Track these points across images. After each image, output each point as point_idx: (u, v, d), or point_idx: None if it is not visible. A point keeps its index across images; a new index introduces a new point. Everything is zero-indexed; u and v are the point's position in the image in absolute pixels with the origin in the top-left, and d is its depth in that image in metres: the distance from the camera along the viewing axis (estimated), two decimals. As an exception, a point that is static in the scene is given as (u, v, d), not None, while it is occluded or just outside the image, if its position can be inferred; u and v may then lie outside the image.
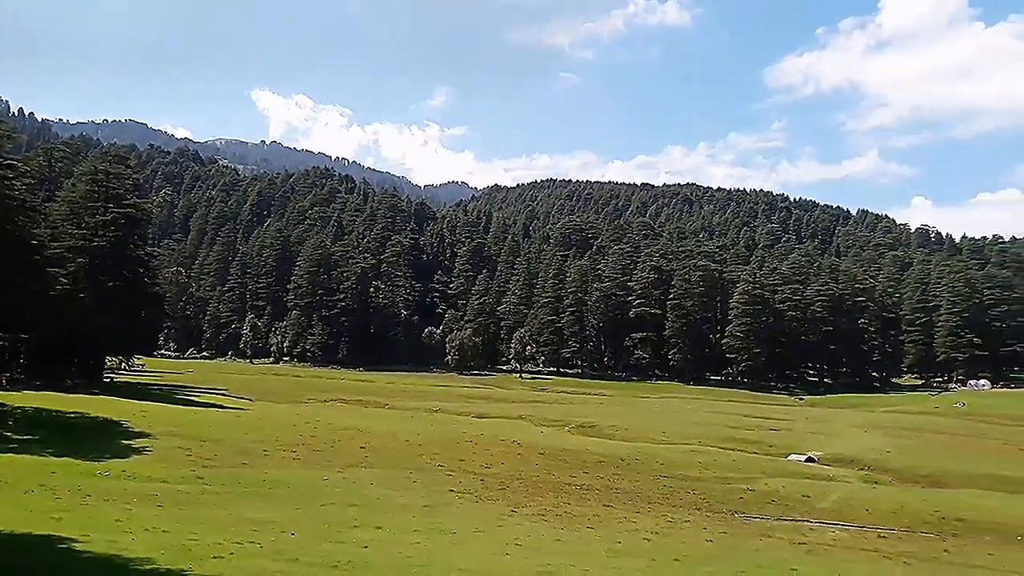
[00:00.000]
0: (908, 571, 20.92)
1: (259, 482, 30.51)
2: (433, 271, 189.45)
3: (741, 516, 30.26)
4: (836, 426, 70.79)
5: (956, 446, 59.07)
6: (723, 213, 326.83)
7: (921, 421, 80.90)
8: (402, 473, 34.95)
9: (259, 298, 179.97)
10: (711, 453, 49.13)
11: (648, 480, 38.08)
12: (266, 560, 16.89)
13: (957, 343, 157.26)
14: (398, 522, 24.26)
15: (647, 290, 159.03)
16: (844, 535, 27.43)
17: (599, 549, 21.69)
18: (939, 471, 46.08)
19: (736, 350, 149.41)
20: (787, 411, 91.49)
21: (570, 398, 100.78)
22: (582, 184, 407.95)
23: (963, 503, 34.73)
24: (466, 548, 21.01)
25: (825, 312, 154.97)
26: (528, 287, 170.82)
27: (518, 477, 36.18)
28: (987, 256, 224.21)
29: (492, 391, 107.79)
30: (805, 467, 46.57)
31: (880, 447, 55.69)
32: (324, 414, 58.81)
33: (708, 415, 78.07)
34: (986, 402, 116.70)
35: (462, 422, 60.29)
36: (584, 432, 59.55)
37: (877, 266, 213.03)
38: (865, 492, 37.89)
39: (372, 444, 42.66)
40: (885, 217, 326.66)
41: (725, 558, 21.36)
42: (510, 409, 75.36)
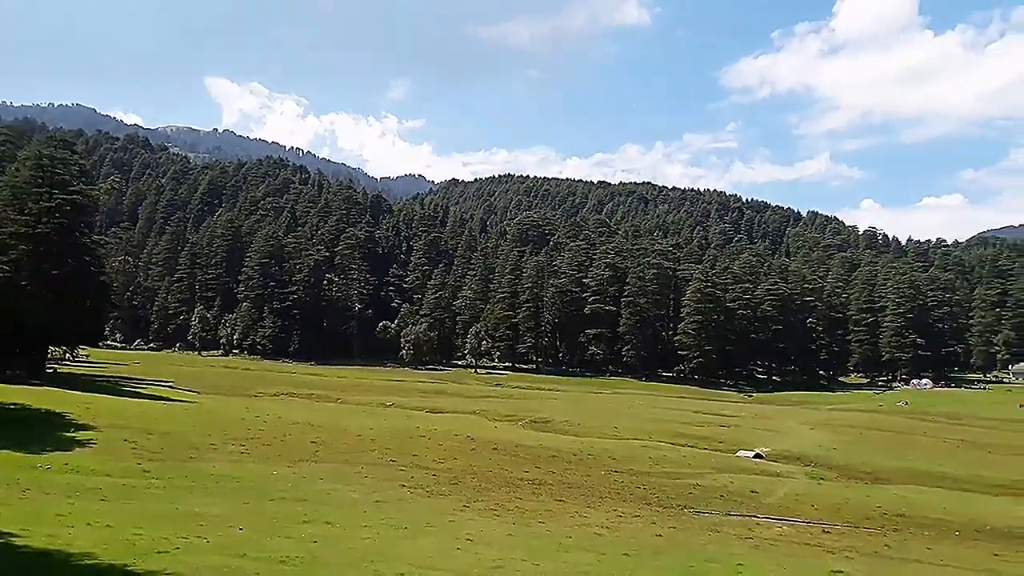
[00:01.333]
0: (850, 565, 21.45)
1: (207, 476, 29.99)
2: (388, 265, 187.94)
3: (690, 511, 30.69)
4: (784, 423, 72.22)
5: (898, 444, 60.76)
6: (677, 212, 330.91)
7: (866, 419, 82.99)
8: (353, 468, 34.66)
9: (209, 289, 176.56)
10: (662, 449, 49.71)
11: (600, 475, 38.39)
12: (213, 555, 16.60)
13: (901, 343, 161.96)
14: (348, 517, 24.07)
15: (602, 287, 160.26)
16: (790, 530, 28.01)
17: (550, 544, 21.80)
18: (882, 468, 47.35)
19: (688, 347, 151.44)
20: (736, 408, 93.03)
21: (524, 393, 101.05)
22: (540, 180, 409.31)
23: (904, 499, 35.74)
24: (417, 543, 20.92)
25: (774, 311, 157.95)
26: (484, 282, 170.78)
27: (471, 472, 36.16)
28: (931, 259, 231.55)
29: (447, 386, 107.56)
30: (753, 463, 47.41)
31: (826, 444, 57.00)
32: (274, 408, 58.01)
33: (659, 411, 78.99)
34: (928, 401, 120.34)
35: (416, 417, 60.00)
36: (538, 427, 59.78)
37: (826, 267, 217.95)
38: (811, 488, 38.73)
39: (323, 439, 42.22)
40: (834, 219, 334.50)
41: (674, 552, 21.64)
42: (464, 404, 75.26)
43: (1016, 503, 37.06)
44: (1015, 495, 40.14)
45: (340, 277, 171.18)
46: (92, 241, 75.81)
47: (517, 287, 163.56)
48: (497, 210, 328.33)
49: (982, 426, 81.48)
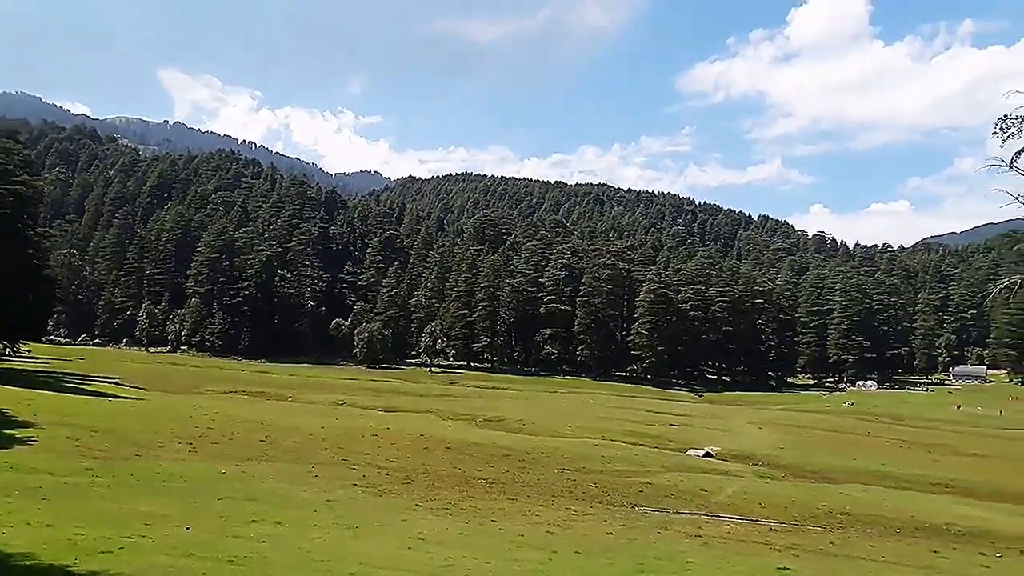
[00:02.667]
0: (796, 562, 21.90)
1: (153, 475, 29.32)
2: (342, 262, 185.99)
3: (641, 509, 31.01)
4: (733, 423, 73.45)
5: (844, 443, 62.26)
6: (632, 214, 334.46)
7: (812, 419, 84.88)
8: (304, 467, 34.24)
9: (157, 284, 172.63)
10: (614, 447, 50.16)
11: (552, 474, 38.55)
12: (158, 555, 16.23)
13: (848, 345, 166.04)
14: (298, 517, 23.76)
15: (558, 287, 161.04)
16: (738, 528, 28.47)
17: (502, 542, 21.82)
18: (828, 467, 48.47)
19: (641, 347, 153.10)
20: (687, 407, 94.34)
21: (479, 392, 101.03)
22: (497, 179, 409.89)
23: (848, 497, 36.63)
24: (368, 542, 20.76)
25: (725, 313, 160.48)
26: (440, 281, 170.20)
27: (424, 471, 36.01)
28: (877, 263, 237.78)
29: (400, 385, 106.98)
30: (703, 462, 48.10)
31: (774, 443, 58.12)
32: (223, 406, 57.02)
33: (612, 410, 79.68)
34: (872, 401, 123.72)
35: (368, 416, 59.53)
36: (492, 426, 59.82)
37: (775, 270, 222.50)
38: (759, 486, 39.45)
39: (273, 437, 41.64)
40: (784, 223, 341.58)
41: (624, 550, 21.83)
42: (418, 403, 74.95)
43: (954, 502, 38.29)
44: (953, 494, 41.50)
45: (292, 273, 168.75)
46: (36, 233, 73.74)
47: (473, 286, 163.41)
48: (454, 209, 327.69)
49: (924, 427, 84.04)
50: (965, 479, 46.50)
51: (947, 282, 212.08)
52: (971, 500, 39.51)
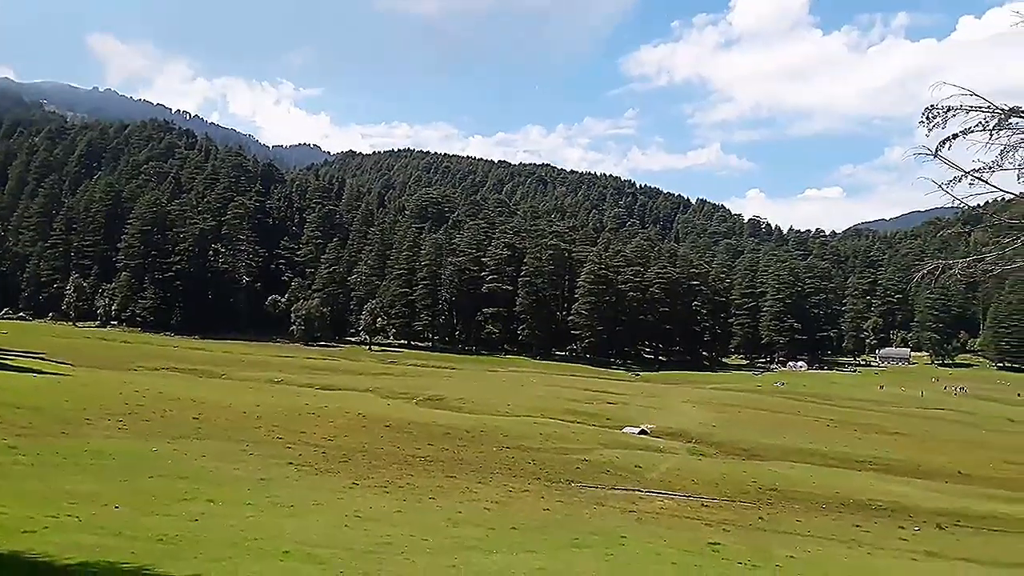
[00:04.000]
0: (727, 537, 22.44)
1: (80, 453, 28.32)
2: (279, 237, 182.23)
3: (577, 485, 31.37)
4: (668, 401, 74.89)
5: (774, 422, 64.12)
6: (575, 195, 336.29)
7: (744, 398, 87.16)
8: (238, 445, 33.57)
9: (85, 256, 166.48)
10: (552, 425, 50.61)
11: (491, 451, 38.70)
12: (85, 535, 15.68)
13: (780, 327, 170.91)
14: (231, 495, 23.26)
15: (500, 266, 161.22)
16: (671, 504, 29.06)
17: (440, 519, 21.79)
18: (758, 445, 49.85)
19: (581, 327, 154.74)
20: (624, 386, 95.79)
21: (419, 371, 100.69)
22: (440, 157, 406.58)
23: (777, 474, 37.75)
24: (304, 521, 20.47)
25: (663, 294, 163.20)
26: (381, 258, 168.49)
27: (361, 450, 35.71)
28: (810, 248, 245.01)
29: (339, 363, 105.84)
30: (638, 439, 48.93)
31: (707, 422, 59.50)
32: (154, 383, 55.51)
33: (551, 389, 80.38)
34: (802, 382, 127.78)
35: (305, 394, 58.73)
36: (432, 405, 59.71)
37: (712, 253, 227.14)
38: (692, 463, 40.35)
39: (206, 415, 40.72)
40: (722, 207, 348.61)
41: (561, 526, 22.05)
42: (357, 381, 74.29)
43: (877, 478, 39.84)
44: (876, 471, 43.18)
45: (227, 248, 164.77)
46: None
47: (415, 264, 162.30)
48: (396, 185, 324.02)
49: (850, 406, 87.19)
50: (888, 457, 48.45)
51: (875, 267, 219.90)
52: (892, 477, 41.19)
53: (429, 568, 14.81)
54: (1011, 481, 43.12)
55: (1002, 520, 30.71)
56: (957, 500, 34.60)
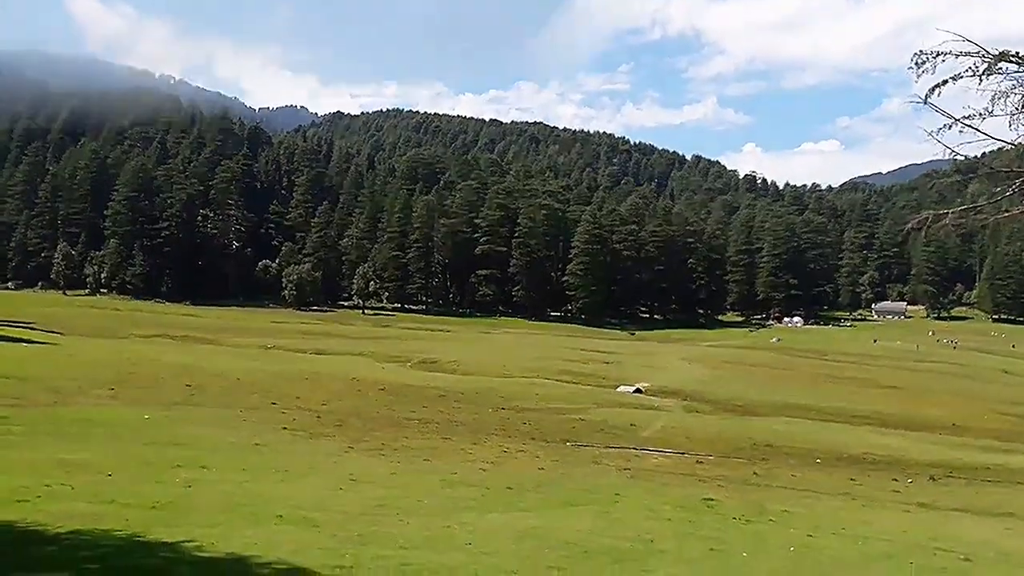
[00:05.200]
0: (721, 493, 22.46)
1: (73, 421, 28.08)
2: (268, 201, 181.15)
3: (572, 445, 31.40)
4: (663, 359, 75.11)
5: (770, 378, 64.40)
6: (568, 153, 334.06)
7: (740, 355, 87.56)
8: (231, 411, 33.42)
9: (72, 224, 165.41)
10: (547, 386, 50.68)
11: (487, 413, 38.71)
12: (78, 502, 15.51)
13: (776, 283, 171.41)
14: (225, 461, 23.11)
15: (493, 228, 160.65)
16: (666, 461, 29.12)
17: (435, 480, 21.72)
18: (753, 401, 50.05)
19: (575, 287, 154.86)
20: (620, 345, 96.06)
21: (414, 334, 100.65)
22: (430, 116, 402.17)
23: (772, 430, 37.88)
24: (298, 485, 20.35)
25: (658, 252, 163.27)
26: (372, 221, 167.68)
27: (356, 413, 35.63)
28: (806, 203, 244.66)
29: (332, 327, 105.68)
30: (633, 398, 49.05)
31: (702, 379, 59.71)
32: (146, 350, 55.27)
33: (547, 349, 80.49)
34: (798, 337, 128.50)
35: (298, 359, 58.63)
36: (426, 368, 59.69)
37: (707, 210, 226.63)
38: (686, 420, 40.46)
39: (199, 382, 40.53)
40: (717, 163, 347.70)
41: (556, 484, 22.03)
42: (351, 346, 74.20)
43: (872, 432, 40.02)
44: (871, 425, 43.39)
45: (216, 213, 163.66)
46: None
47: (407, 227, 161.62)
48: (386, 146, 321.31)
49: (846, 361, 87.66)
50: (883, 410, 48.71)
51: (872, 221, 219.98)
52: (887, 430, 41.39)
53: (423, 528, 14.70)
54: (1004, 432, 43.45)
55: (994, 471, 30.93)
56: (950, 452, 34.83)
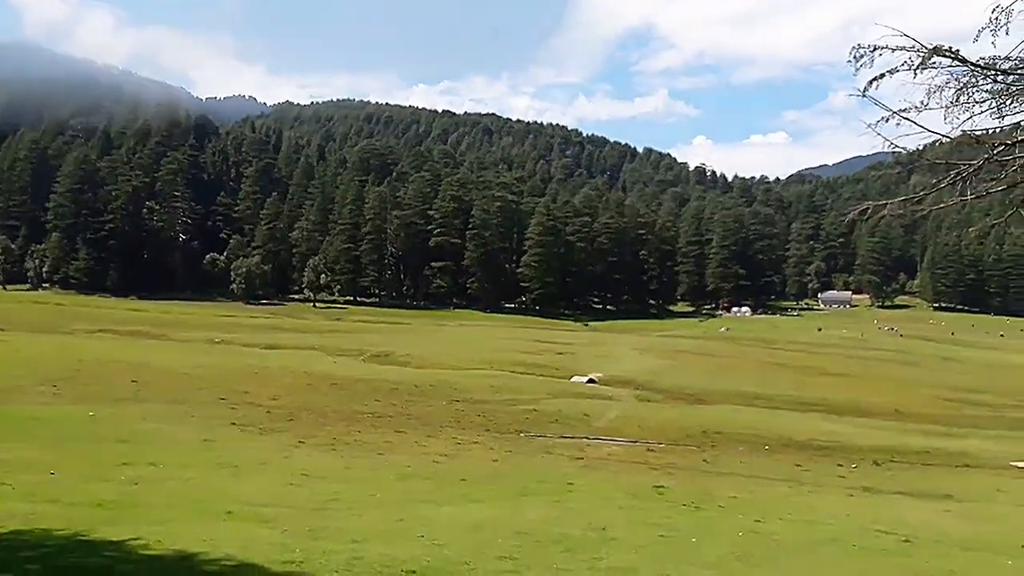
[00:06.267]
0: (672, 480, 22.85)
1: (14, 419, 27.32)
2: (216, 193, 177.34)
3: (526, 436, 31.59)
4: (615, 349, 75.86)
5: (719, 367, 65.53)
6: (522, 145, 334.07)
7: (690, 344, 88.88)
8: (179, 407, 32.81)
9: (12, 217, 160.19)
10: (501, 377, 50.78)
11: (440, 405, 38.66)
12: (19, 502, 15.07)
13: (725, 274, 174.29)
14: (174, 458, 22.71)
15: (447, 219, 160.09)
16: (618, 449, 29.49)
17: (388, 474, 21.67)
18: (703, 389, 50.87)
19: (530, 279, 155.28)
20: (573, 336, 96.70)
21: (366, 327, 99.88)
22: (382, 106, 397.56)
23: (722, 418, 38.59)
24: (249, 481, 20.10)
25: (610, 244, 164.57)
26: (323, 213, 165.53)
27: (307, 408, 35.26)
28: (754, 195, 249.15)
29: (282, 321, 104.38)
30: (586, 388, 49.41)
31: (653, 368, 60.47)
32: (91, 346, 53.93)
33: (501, 341, 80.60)
34: (746, 327, 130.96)
35: (248, 354, 57.71)
36: (379, 361, 59.32)
37: (658, 201, 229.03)
38: (638, 409, 40.96)
39: (146, 377, 39.66)
40: (668, 155, 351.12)
41: (509, 475, 22.17)
42: (301, 340, 73.27)
43: (818, 419, 41.03)
44: (818, 411, 44.47)
45: (162, 205, 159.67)
46: None
47: (359, 218, 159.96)
48: (336, 137, 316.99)
49: (792, 349, 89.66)
50: (829, 397, 49.98)
51: (818, 212, 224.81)
52: (833, 416, 42.46)
53: (377, 522, 14.67)
54: (944, 417, 44.97)
55: (934, 455, 31.99)
56: (894, 437, 35.90)
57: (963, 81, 5.76)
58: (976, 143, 6.13)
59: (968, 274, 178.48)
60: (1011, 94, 5.72)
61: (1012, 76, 5.70)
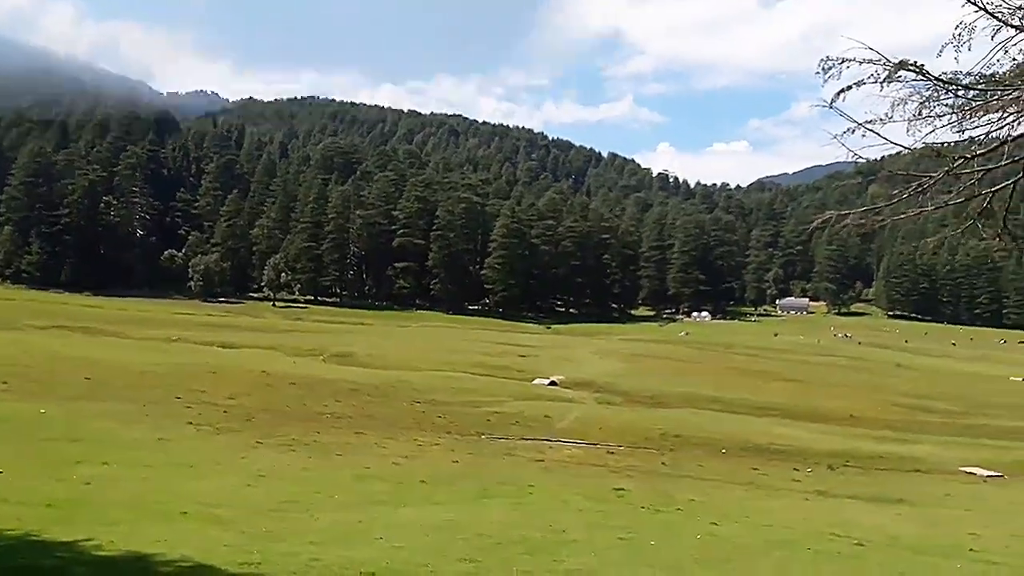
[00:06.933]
0: (631, 483, 23.01)
1: (-38, 417, 26.57)
2: (175, 188, 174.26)
3: (487, 437, 31.56)
4: (577, 352, 76.18)
5: (678, 371, 66.19)
6: (487, 147, 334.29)
7: (651, 348, 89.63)
8: (134, 406, 32.15)
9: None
10: (462, 379, 50.68)
11: (401, 406, 38.43)
12: (-34, 502, 14.66)
13: (686, 279, 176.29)
14: (128, 457, 22.25)
15: (411, 220, 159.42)
16: (578, 452, 29.61)
17: (347, 476, 21.49)
18: (663, 393, 51.32)
19: (493, 281, 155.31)
20: (536, 339, 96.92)
21: (327, 327, 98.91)
22: (347, 105, 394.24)
23: (680, 421, 38.97)
24: (204, 481, 19.77)
25: (574, 247, 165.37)
26: (284, 211, 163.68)
27: (265, 408, 34.79)
28: (716, 201, 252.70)
29: (241, 320, 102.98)
30: (548, 390, 49.53)
31: (614, 371, 60.87)
32: (43, 342, 52.60)
33: (464, 343, 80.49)
34: (706, 331, 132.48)
35: (205, 352, 56.74)
36: (340, 361, 58.76)
37: (622, 206, 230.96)
38: (599, 412, 41.18)
39: (100, 375, 38.81)
40: (632, 161, 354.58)
41: (469, 477, 22.13)
42: (260, 339, 72.20)
43: (775, 423, 41.64)
44: (774, 416, 45.11)
45: (119, 200, 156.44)
46: None
47: (321, 217, 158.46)
48: (300, 134, 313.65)
49: (750, 355, 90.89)
50: (786, 402, 50.74)
51: (778, 220, 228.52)
52: (790, 421, 43.16)
53: (335, 524, 14.55)
54: (897, 422, 45.96)
55: (887, 459, 32.69)
56: (848, 441, 36.57)
57: (926, 95, 5.91)
58: (937, 156, 6.29)
59: (922, 283, 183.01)
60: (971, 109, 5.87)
61: (972, 91, 5.85)
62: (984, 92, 5.83)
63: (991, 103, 5.80)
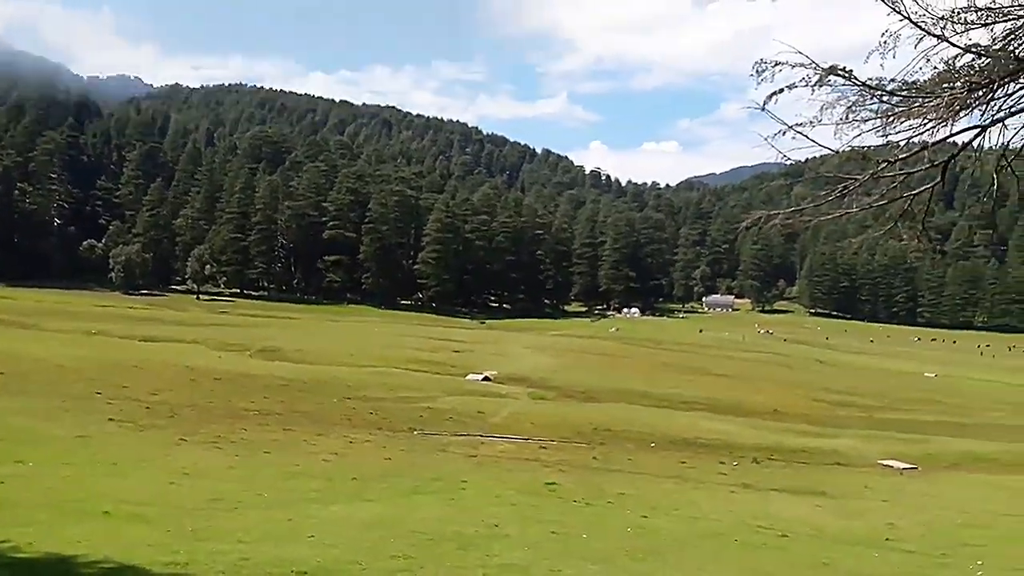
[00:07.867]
0: (563, 477, 23.27)
1: None
2: (96, 176, 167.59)
3: (420, 434, 31.43)
4: (511, 348, 76.47)
5: (609, 366, 67.09)
6: (421, 140, 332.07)
7: (582, 344, 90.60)
8: (52, 401, 30.88)
9: None
10: (395, 375, 50.29)
11: (331, 403, 37.91)
12: None
13: (616, 276, 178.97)
14: (46, 455, 21.38)
15: (343, 212, 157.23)
16: (511, 447, 29.76)
17: (275, 473, 21.11)
18: (594, 388, 51.92)
19: (427, 276, 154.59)
20: (469, 334, 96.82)
21: (254, 321, 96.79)
22: (276, 93, 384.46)
23: (611, 415, 39.52)
24: (127, 479, 19.15)
25: (508, 243, 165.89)
26: (210, 201, 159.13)
27: (189, 404, 33.85)
28: (646, 200, 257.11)
29: (163, 313, 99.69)
30: (481, 386, 49.59)
31: (547, 367, 61.30)
32: (-50, 335, 49.99)
33: (396, 338, 79.83)
34: (635, 327, 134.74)
35: (126, 346, 54.85)
36: (267, 356, 57.44)
37: (555, 203, 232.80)
38: (532, 407, 41.43)
39: (15, 369, 37.09)
40: (565, 158, 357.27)
41: (402, 474, 22.01)
42: (184, 332, 70.09)
43: (703, 417, 42.59)
44: (703, 410, 46.11)
45: (36, 187, 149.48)
46: None
47: (248, 208, 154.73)
48: (227, 122, 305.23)
49: (678, 350, 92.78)
50: (713, 397, 51.92)
51: (705, 219, 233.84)
52: (717, 415, 44.16)
53: (263, 522, 14.29)
54: (818, 417, 47.57)
55: (809, 453, 33.85)
56: (772, 436, 37.70)
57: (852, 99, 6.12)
58: (862, 159, 6.53)
59: (842, 282, 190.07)
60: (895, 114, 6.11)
61: (896, 98, 6.09)
62: (907, 98, 6.06)
63: (913, 109, 6.05)
